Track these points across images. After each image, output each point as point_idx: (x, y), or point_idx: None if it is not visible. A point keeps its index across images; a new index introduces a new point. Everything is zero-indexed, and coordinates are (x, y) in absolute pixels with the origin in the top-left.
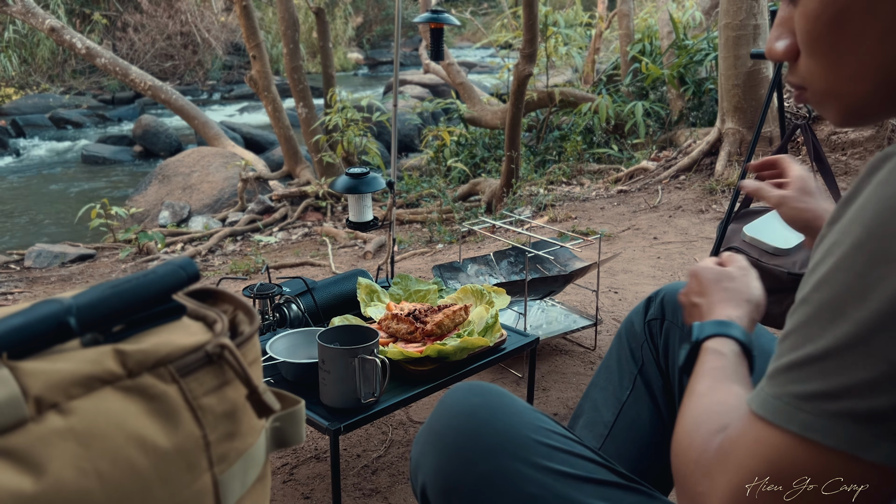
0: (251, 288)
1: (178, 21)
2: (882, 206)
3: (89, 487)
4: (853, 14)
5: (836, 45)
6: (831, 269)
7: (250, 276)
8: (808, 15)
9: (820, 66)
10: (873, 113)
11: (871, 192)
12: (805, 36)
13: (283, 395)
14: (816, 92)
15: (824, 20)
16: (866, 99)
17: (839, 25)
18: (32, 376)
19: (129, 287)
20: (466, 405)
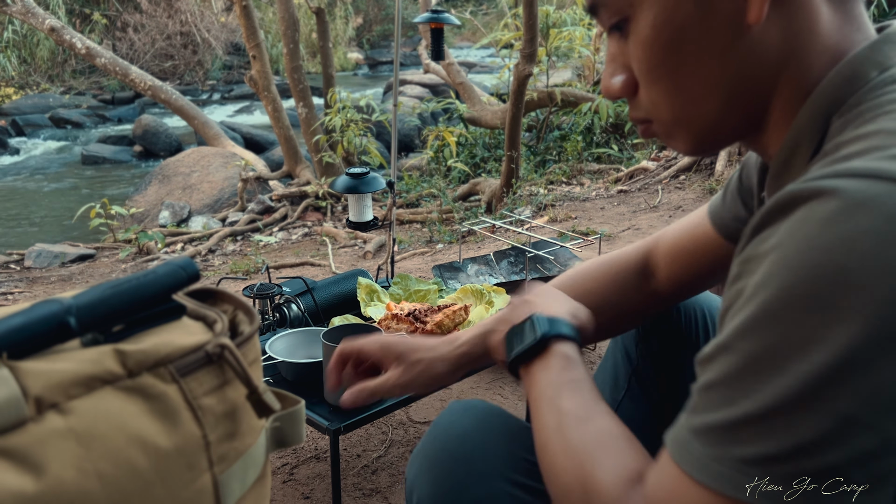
0: (251, 288)
1: (177, 21)
2: (809, 249)
3: (89, 487)
4: (689, 34)
5: (677, 68)
6: (758, 314)
7: (250, 276)
8: (643, 43)
9: (663, 94)
10: (723, 136)
11: (789, 233)
12: (644, 65)
13: (283, 395)
14: (663, 122)
15: (661, 45)
16: (714, 120)
17: (677, 48)
18: (32, 376)
19: (129, 287)
20: (459, 428)
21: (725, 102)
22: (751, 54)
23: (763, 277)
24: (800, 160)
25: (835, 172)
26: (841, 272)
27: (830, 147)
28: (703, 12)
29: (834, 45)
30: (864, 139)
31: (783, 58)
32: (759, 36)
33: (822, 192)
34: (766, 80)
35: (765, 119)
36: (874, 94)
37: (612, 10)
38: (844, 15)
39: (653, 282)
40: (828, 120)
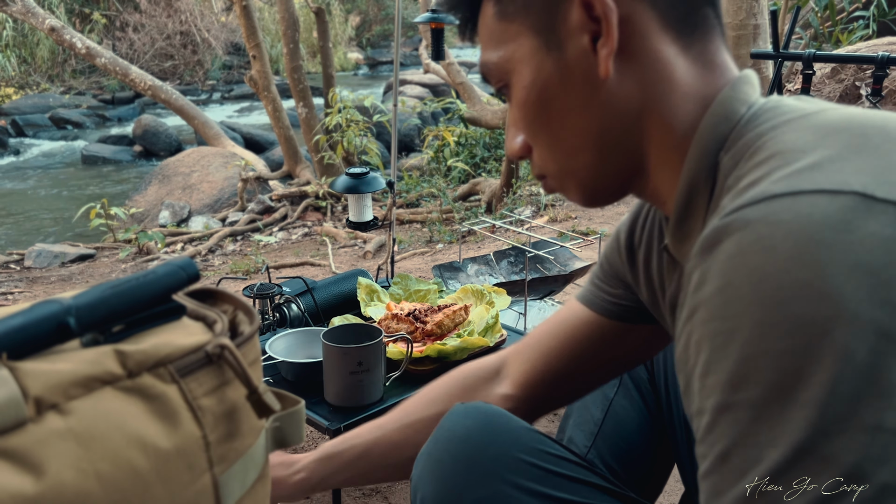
0: (251, 288)
1: (177, 21)
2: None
3: (89, 488)
4: (553, 92)
5: (549, 125)
6: (743, 359)
7: (250, 276)
8: (518, 104)
9: (545, 149)
10: (608, 184)
11: (730, 267)
12: (523, 124)
13: (284, 395)
14: (553, 175)
15: (531, 104)
16: (593, 170)
17: (545, 106)
18: (32, 377)
19: (128, 287)
20: (462, 429)
21: (598, 152)
22: (610, 106)
23: (729, 322)
24: (700, 200)
25: (749, 201)
26: (801, 287)
27: (732, 180)
28: (562, 71)
29: (697, 91)
30: (760, 166)
31: (643, 107)
32: (615, 89)
33: (755, 222)
34: (631, 129)
35: (644, 165)
36: (751, 127)
37: (495, 78)
38: (703, 64)
39: (504, 386)
40: (716, 157)
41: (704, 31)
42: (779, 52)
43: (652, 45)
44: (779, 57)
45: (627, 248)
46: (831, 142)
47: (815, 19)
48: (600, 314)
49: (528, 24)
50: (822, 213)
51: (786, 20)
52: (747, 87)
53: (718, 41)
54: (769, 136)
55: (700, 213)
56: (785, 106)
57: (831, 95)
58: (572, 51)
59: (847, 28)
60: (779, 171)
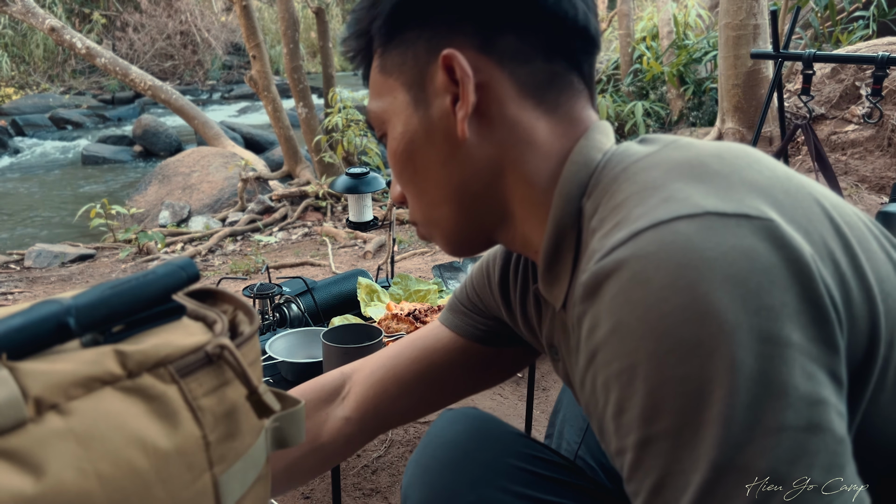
0: (251, 288)
1: (177, 21)
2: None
3: (89, 488)
4: (417, 146)
5: (414, 175)
6: (649, 392)
7: (250, 276)
8: (390, 154)
9: (412, 198)
10: (473, 236)
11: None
12: (394, 172)
13: (284, 396)
14: (421, 224)
15: (399, 155)
16: (455, 221)
17: (410, 157)
18: (32, 377)
19: (128, 287)
20: (451, 435)
21: (458, 206)
22: (468, 164)
23: (628, 359)
24: (567, 244)
25: (619, 241)
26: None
27: (596, 223)
28: (426, 128)
29: (558, 148)
30: (620, 207)
31: (502, 166)
32: (473, 149)
33: (627, 261)
34: (491, 186)
35: (508, 218)
36: (607, 172)
37: (376, 126)
38: (564, 121)
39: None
40: (579, 203)
41: (569, 95)
42: (779, 52)
43: (509, 110)
44: (779, 57)
45: (501, 287)
46: (676, 175)
47: (815, 19)
48: (468, 339)
49: (402, 80)
50: (684, 237)
51: (786, 20)
52: (600, 135)
53: (583, 102)
54: (622, 178)
55: (568, 256)
56: (632, 150)
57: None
58: (436, 109)
59: (847, 28)
60: (638, 209)
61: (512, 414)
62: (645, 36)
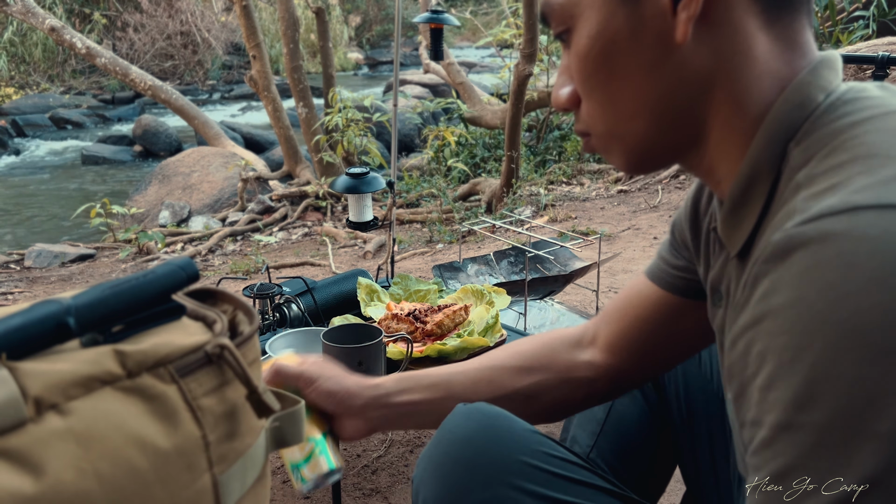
0: (251, 288)
1: (178, 21)
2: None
3: (89, 488)
4: (619, 47)
5: (608, 81)
6: (811, 380)
7: (250, 275)
8: (579, 54)
9: (597, 106)
10: (657, 153)
11: (805, 281)
12: (580, 76)
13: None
14: (599, 135)
15: (594, 57)
16: (646, 136)
17: (608, 60)
18: (32, 377)
19: (128, 287)
20: (463, 432)
21: (656, 119)
22: (679, 73)
23: (800, 339)
24: (760, 189)
25: (830, 210)
26: (882, 311)
27: (803, 178)
28: (634, 28)
29: (775, 70)
30: (840, 169)
31: (714, 79)
32: (688, 55)
33: (837, 236)
34: (697, 101)
35: (703, 141)
36: (827, 119)
37: (557, 20)
38: (785, 42)
39: (590, 353)
40: (784, 147)
41: (791, 7)
42: None
43: (736, 14)
44: None
45: (692, 215)
46: None
47: (815, 19)
48: (664, 289)
49: None
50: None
51: None
52: (828, 71)
53: (804, 20)
54: (850, 135)
55: (758, 203)
56: (868, 98)
57: None
58: (649, 7)
59: (847, 28)
60: (862, 179)
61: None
62: None
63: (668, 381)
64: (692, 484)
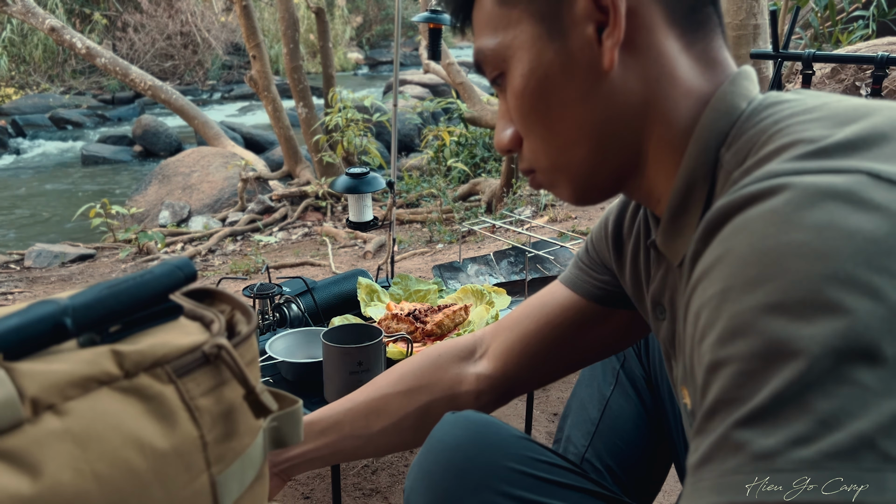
0: (251, 288)
1: (178, 21)
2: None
3: (86, 488)
4: (553, 81)
5: (546, 115)
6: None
7: (250, 276)
8: (515, 93)
9: (538, 141)
10: (601, 181)
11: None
12: (518, 114)
13: (281, 395)
14: (543, 170)
15: (529, 94)
16: (588, 165)
17: (543, 95)
18: (29, 377)
19: (125, 287)
20: (452, 439)
21: (595, 146)
22: (612, 99)
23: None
24: (698, 195)
25: (754, 179)
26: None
27: (738, 175)
28: (564, 61)
29: (697, 87)
30: (780, 152)
31: (645, 101)
32: (618, 82)
33: (761, 194)
34: (631, 124)
35: (641, 163)
36: (753, 122)
37: (490, 66)
38: (705, 61)
39: (481, 364)
40: (716, 153)
41: (707, 28)
42: (779, 52)
43: (657, 39)
44: (779, 57)
45: (615, 237)
46: (840, 132)
47: (815, 19)
48: (582, 296)
49: (530, 11)
50: (828, 184)
51: (786, 20)
52: (746, 82)
53: (719, 39)
54: (775, 130)
55: (697, 210)
56: (787, 101)
57: None
58: (576, 40)
59: (847, 28)
60: (786, 158)
61: (512, 414)
62: None
63: (661, 381)
64: None
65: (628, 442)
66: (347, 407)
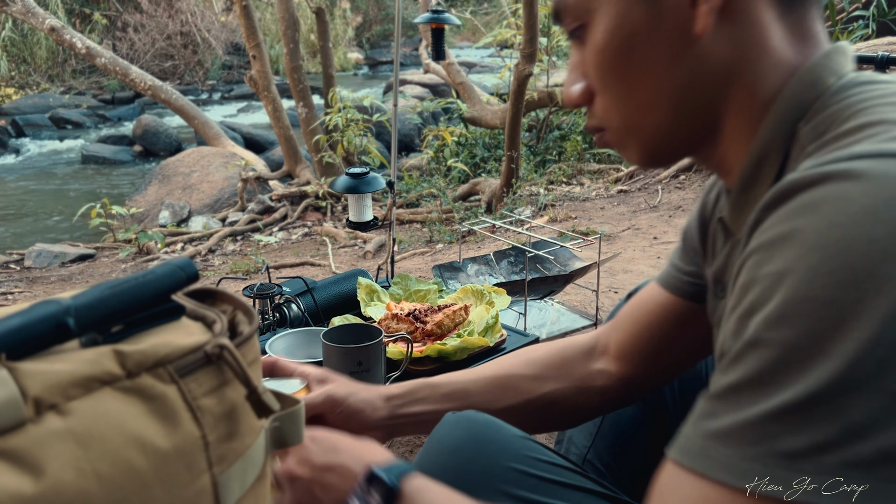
0: (251, 288)
1: (178, 21)
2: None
3: (88, 488)
4: (638, 41)
5: (626, 75)
6: (787, 300)
7: (250, 275)
8: (595, 48)
9: (613, 100)
10: (673, 146)
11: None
12: (596, 71)
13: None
14: (614, 130)
15: (611, 51)
16: (663, 129)
17: (626, 54)
18: (31, 377)
19: (127, 287)
20: (452, 441)
21: (674, 112)
22: (698, 64)
23: (784, 264)
24: (769, 168)
25: (831, 160)
26: (867, 241)
27: (813, 149)
28: (653, 21)
29: (787, 59)
30: (863, 129)
31: (732, 70)
32: (707, 47)
33: (837, 175)
34: (714, 91)
35: (717, 132)
36: (839, 98)
37: (571, 16)
38: (798, 32)
39: (603, 362)
40: (794, 126)
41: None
42: None
43: (753, 6)
44: None
45: (700, 218)
46: None
47: None
48: (675, 294)
49: None
50: None
51: None
52: (840, 57)
53: (815, 11)
54: (859, 109)
55: (767, 181)
56: (879, 81)
57: None
58: (669, 0)
59: (847, 28)
60: (867, 140)
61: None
62: None
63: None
64: None
65: (630, 442)
66: (472, 378)
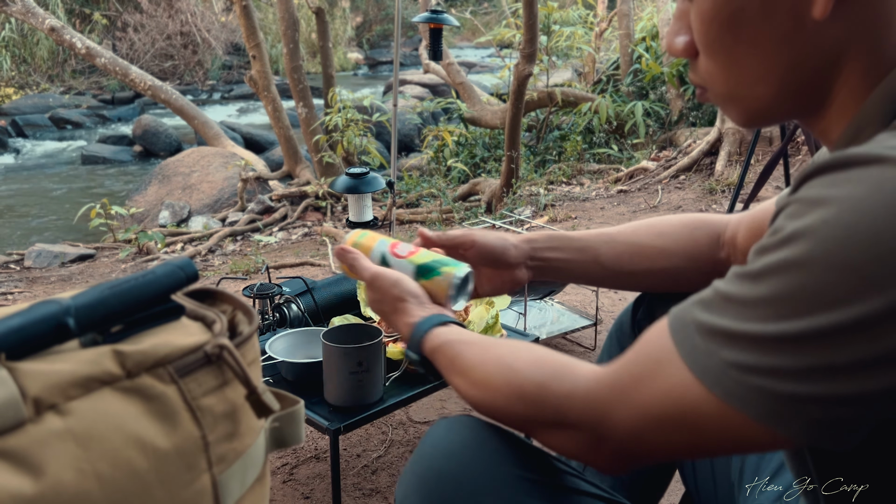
0: (251, 288)
1: (178, 21)
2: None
3: (88, 488)
4: (747, 18)
5: (732, 48)
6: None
7: (250, 276)
8: (702, 16)
9: (718, 69)
10: (777, 116)
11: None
12: (701, 37)
13: (283, 395)
14: (717, 94)
15: (719, 23)
16: (767, 103)
17: (734, 29)
18: (31, 377)
19: (127, 288)
20: (446, 445)
21: (779, 88)
22: (810, 46)
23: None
24: (863, 140)
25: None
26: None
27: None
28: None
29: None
30: None
31: (848, 49)
32: (822, 30)
33: (874, 159)
34: (824, 73)
35: (825, 105)
36: None
37: None
38: None
39: (725, 254)
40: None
41: None
42: None
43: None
44: None
45: None
46: None
47: None
48: None
49: None
50: None
51: None
52: None
53: None
54: None
55: None
56: None
57: None
58: None
59: None
60: None
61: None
62: (644, 36)
63: None
64: (691, 485)
65: None
66: (604, 239)
